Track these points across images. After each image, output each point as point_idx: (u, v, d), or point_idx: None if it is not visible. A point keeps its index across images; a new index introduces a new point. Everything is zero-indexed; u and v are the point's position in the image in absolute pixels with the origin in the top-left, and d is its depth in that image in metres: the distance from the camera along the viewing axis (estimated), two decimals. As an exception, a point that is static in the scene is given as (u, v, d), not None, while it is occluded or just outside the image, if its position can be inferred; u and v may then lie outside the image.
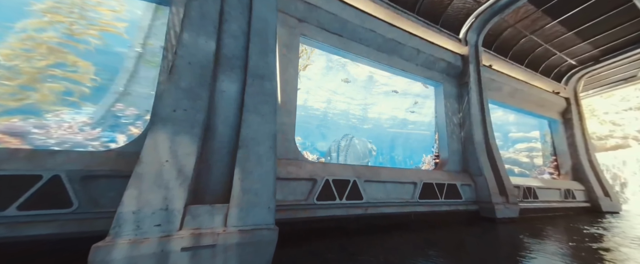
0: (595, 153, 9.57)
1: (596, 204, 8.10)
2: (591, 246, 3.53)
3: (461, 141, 6.27)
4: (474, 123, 6.10)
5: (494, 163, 5.88)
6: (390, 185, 4.66)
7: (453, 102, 6.53)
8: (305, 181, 3.78)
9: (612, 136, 15.03)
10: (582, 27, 6.94)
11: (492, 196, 5.33)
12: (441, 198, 5.12)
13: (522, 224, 5.14)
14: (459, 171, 5.94)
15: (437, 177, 5.28)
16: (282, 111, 4.04)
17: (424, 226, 4.41)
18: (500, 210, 5.28)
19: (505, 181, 5.66)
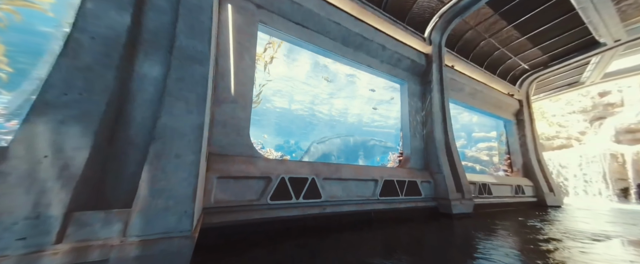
0: (543, 152, 10.53)
1: (542, 199, 8.89)
2: (535, 238, 3.76)
3: (423, 139, 6.41)
4: (435, 121, 6.26)
5: (452, 161, 6.09)
6: (351, 183, 4.56)
7: (417, 101, 6.65)
8: (258, 180, 3.51)
9: (558, 136, 16.76)
10: (533, 33, 7.49)
11: (449, 192, 5.51)
12: (401, 195, 5.16)
13: (476, 219, 5.38)
14: (421, 169, 6.07)
15: (398, 174, 5.32)
16: (235, 104, 3.71)
17: (383, 224, 4.39)
18: (456, 206, 5.47)
19: (461, 179, 5.89)
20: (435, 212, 5.65)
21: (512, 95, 10.02)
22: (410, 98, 6.59)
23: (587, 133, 15.94)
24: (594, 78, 10.51)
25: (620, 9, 6.81)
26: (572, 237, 3.91)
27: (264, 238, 3.18)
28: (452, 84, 7.78)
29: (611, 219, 6.45)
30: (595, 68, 9.79)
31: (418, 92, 6.76)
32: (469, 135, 22.94)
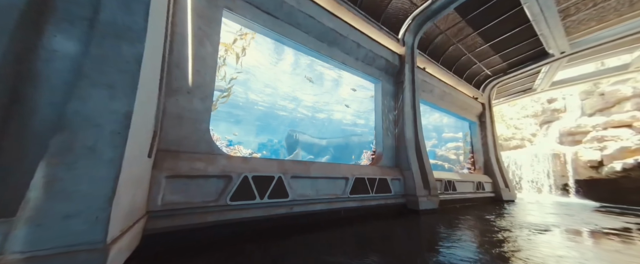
0: (501, 151, 11.48)
1: (499, 194, 9.66)
2: (491, 229, 3.98)
3: (395, 137, 6.54)
4: (406, 120, 6.41)
5: (421, 159, 6.29)
6: (322, 181, 4.44)
7: (390, 100, 6.76)
8: (218, 179, 3.22)
9: (514, 138, 18.48)
10: (495, 41, 8.05)
11: (417, 189, 5.67)
12: (372, 192, 5.18)
13: (441, 214, 5.61)
14: (392, 166, 6.18)
15: (369, 172, 5.33)
16: (193, 95, 3.36)
17: (353, 222, 4.34)
18: (423, 202, 5.65)
19: (429, 176, 6.11)
20: (404, 208, 5.79)
21: (476, 98, 10.73)
22: (384, 98, 6.67)
23: (537, 135, 17.79)
24: (544, 85, 11.68)
25: (565, 24, 7.58)
26: (522, 228, 4.26)
27: (220, 242, 2.91)
28: (423, 86, 8.07)
29: (553, 211, 7.22)
30: (545, 77, 10.87)
31: (391, 92, 6.87)
32: (440, 135, 24.36)
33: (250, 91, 22.02)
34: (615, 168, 11.13)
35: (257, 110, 23.33)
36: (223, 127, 21.23)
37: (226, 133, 18.47)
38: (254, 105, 22.51)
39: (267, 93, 23.00)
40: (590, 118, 14.22)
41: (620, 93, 13.15)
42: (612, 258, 2.88)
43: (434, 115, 24.11)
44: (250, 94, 22.33)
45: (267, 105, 23.48)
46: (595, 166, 12.14)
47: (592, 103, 14.83)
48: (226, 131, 20.94)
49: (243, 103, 21.46)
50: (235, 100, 20.77)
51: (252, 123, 23.91)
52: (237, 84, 20.78)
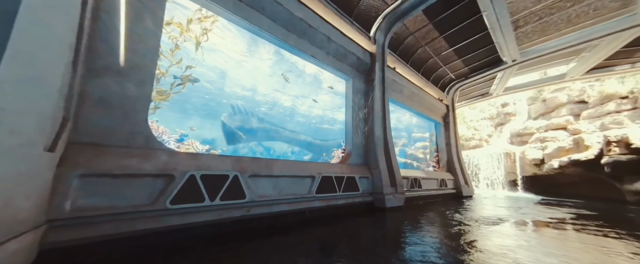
0: (462, 150, 12.32)
1: (459, 190, 10.30)
2: (451, 223, 4.05)
3: (365, 135, 6.49)
4: (375, 119, 6.39)
5: (389, 157, 6.32)
6: (285, 180, 4.13)
7: (360, 98, 6.70)
8: (155, 179, 2.72)
9: (473, 138, 20.14)
10: (458, 46, 8.52)
11: (384, 187, 5.66)
12: (339, 191, 5.02)
13: (406, 211, 5.67)
14: (360, 164, 6.10)
15: (337, 170, 5.16)
16: (125, 78, 2.80)
17: (318, 222, 4.11)
18: (390, 199, 5.66)
19: (396, 174, 6.16)
20: (371, 207, 5.74)
21: (441, 100, 11.33)
22: (354, 95, 6.58)
23: (493, 136, 19.60)
24: (498, 91, 12.81)
25: (517, 35, 8.31)
26: (478, 221, 4.47)
27: (154, 254, 2.44)
28: (393, 85, 8.20)
29: (504, 204, 7.86)
30: (499, 83, 11.91)
31: (362, 90, 6.81)
32: (410, 135, 25.55)
33: (227, 85, 20.73)
34: (553, 165, 12.65)
35: (232, 105, 22.06)
36: (184, 120, 19.33)
37: (184, 127, 16.90)
38: (228, 99, 21.15)
39: (246, 88, 21.89)
40: (534, 121, 16.03)
41: (558, 100, 15.03)
42: (551, 243, 3.30)
43: (405, 116, 25.23)
44: (227, 88, 21.03)
45: (243, 101, 22.34)
46: (538, 163, 13.69)
47: (536, 108, 16.73)
48: (184, 125, 19.23)
49: (213, 96, 19.97)
50: (207, 92, 19.26)
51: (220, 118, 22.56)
52: (213, 76, 19.39)
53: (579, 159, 11.50)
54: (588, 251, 2.88)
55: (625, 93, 11.77)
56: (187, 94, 18.14)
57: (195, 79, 17.43)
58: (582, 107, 13.78)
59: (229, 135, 19.72)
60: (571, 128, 13.49)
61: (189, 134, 7.34)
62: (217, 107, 20.74)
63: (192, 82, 17.48)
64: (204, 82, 18.35)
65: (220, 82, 20.10)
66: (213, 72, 19.12)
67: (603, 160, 10.73)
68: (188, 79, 5.48)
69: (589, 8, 6.79)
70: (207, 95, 19.48)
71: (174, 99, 16.99)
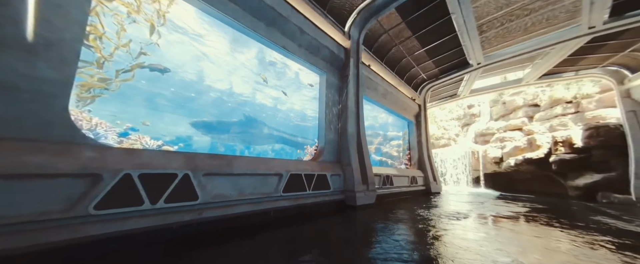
0: (432, 149, 12.88)
1: (429, 187, 10.72)
2: (419, 219, 4.06)
3: (338, 132, 6.35)
4: (349, 115, 6.28)
5: (361, 154, 6.26)
6: (247, 179, 3.79)
7: (334, 93, 6.54)
8: (72, 179, 2.23)
9: (443, 137, 21.30)
10: (430, 47, 8.78)
11: (355, 185, 5.57)
12: (309, 189, 4.80)
13: (377, 208, 5.64)
14: (333, 162, 5.94)
15: (307, 168, 4.93)
16: (35, 56, 2.26)
17: (285, 223, 3.84)
18: (361, 197, 5.59)
19: (368, 171, 6.12)
20: (343, 205, 5.62)
21: (414, 99, 11.68)
22: (328, 90, 6.40)
23: (460, 136, 20.89)
24: (465, 92, 13.59)
25: (482, 39, 8.80)
26: (444, 217, 4.57)
27: (69, 270, 1.99)
28: (368, 83, 8.19)
29: (468, 200, 8.32)
30: (466, 85, 12.61)
31: (336, 85, 6.65)
32: (385, 133, 26.28)
33: (205, 79, 19.34)
34: (510, 163, 13.78)
35: (208, 100, 20.65)
36: (147, 114, 17.50)
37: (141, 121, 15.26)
38: (201, 94, 19.72)
39: (222, 83, 20.64)
40: (495, 122, 17.37)
41: (515, 103, 16.42)
42: (507, 234, 3.63)
43: (382, 115, 25.89)
44: (207, 81, 19.62)
45: (215, 96, 21.05)
46: (497, 162, 14.85)
47: (497, 110, 18.15)
48: (161, 119, 17.51)
49: (181, 89, 18.44)
50: (173, 84, 17.70)
51: (204, 115, 21.08)
52: (179, 67, 17.86)
53: (532, 157, 12.66)
54: (538, 239, 3.31)
55: (570, 98, 13.23)
56: (151, 85, 16.56)
57: (165, 69, 15.87)
58: (535, 110, 15.23)
59: (202, 128, 18.48)
60: (526, 129, 14.84)
61: (144, 130, 6.53)
62: (185, 102, 19.28)
63: (162, 72, 15.90)
64: (172, 74, 16.88)
65: (188, 74, 18.70)
66: (186, 64, 17.69)
67: (551, 159, 11.93)
68: (140, 66, 4.80)
69: (542, 17, 7.36)
70: (172, 87, 17.99)
71: (136, 89, 15.43)
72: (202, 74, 19.68)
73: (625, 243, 3.13)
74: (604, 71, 9.82)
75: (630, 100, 9.21)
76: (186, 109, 19.64)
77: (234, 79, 21.66)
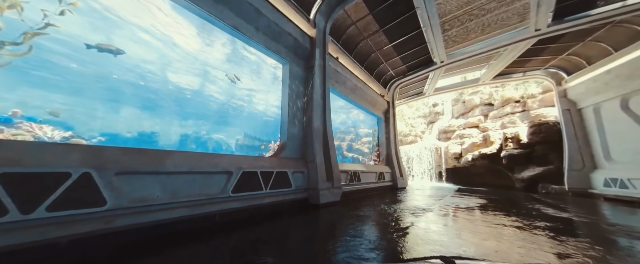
0: (400, 146, 13.23)
1: (395, 183, 10.92)
2: (384, 214, 3.84)
3: (303, 126, 5.93)
4: (315, 109, 5.90)
5: (327, 150, 5.93)
6: (185, 178, 3.17)
7: (298, 85, 6.09)
8: None
9: (410, 134, 22.26)
10: (397, 42, 8.82)
11: (319, 182, 5.21)
12: (266, 188, 4.30)
13: (342, 206, 5.36)
14: (297, 158, 5.51)
15: (265, 164, 4.43)
16: None
17: (234, 227, 3.30)
18: (325, 195, 5.26)
19: (333, 168, 5.81)
20: (306, 203, 5.23)
21: (383, 96, 11.78)
22: (292, 81, 5.93)
23: (425, 133, 22.03)
24: (430, 91, 14.19)
25: (445, 38, 9.12)
26: (407, 211, 4.47)
27: None
28: (336, 76, 7.90)
29: (431, 194, 8.58)
30: (431, 83, 13.16)
31: (300, 76, 6.21)
32: (357, 130, 26.66)
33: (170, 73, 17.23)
34: (468, 158, 14.82)
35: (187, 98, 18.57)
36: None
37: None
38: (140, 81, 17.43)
39: (195, 74, 18.67)
40: (456, 120, 18.59)
41: (473, 101, 17.73)
42: (463, 225, 3.83)
43: (353, 111, 26.18)
44: (170, 75, 17.49)
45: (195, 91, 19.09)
46: (457, 157, 15.88)
47: (458, 108, 19.46)
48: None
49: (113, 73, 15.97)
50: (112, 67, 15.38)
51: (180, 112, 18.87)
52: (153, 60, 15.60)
53: (486, 153, 13.74)
54: (489, 227, 3.61)
55: (518, 98, 14.68)
56: (100, 69, 14.23)
57: (118, 50, 13.54)
58: (490, 109, 16.63)
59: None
60: (482, 126, 16.11)
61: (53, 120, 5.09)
62: (122, 88, 16.77)
63: (114, 54, 13.56)
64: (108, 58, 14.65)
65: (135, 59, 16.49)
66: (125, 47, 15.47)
67: (502, 154, 13.05)
68: (34, 35, 3.71)
69: (497, 18, 7.81)
70: (119, 73, 15.76)
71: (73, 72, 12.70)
72: (160, 62, 17.64)
73: (557, 227, 3.64)
74: (545, 73, 10.92)
75: (566, 99, 10.36)
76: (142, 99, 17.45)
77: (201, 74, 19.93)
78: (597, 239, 3.07)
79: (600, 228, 3.72)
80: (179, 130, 20.45)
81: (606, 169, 8.78)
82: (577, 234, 3.33)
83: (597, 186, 8.86)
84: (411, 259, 1.19)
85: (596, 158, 9.35)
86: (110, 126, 16.09)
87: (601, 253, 2.48)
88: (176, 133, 19.90)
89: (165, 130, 19.27)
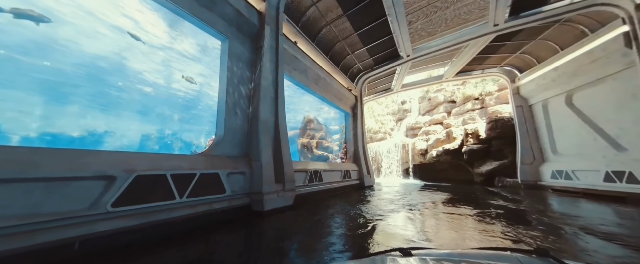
0: (369, 143, 12.86)
1: (362, 181, 10.45)
2: (348, 217, 3.07)
3: (248, 118, 4.92)
4: (263, 97, 4.92)
5: (278, 147, 5.01)
6: (15, 189, 1.98)
7: (243, 68, 5.05)
8: None
9: (380, 131, 22.38)
10: (362, 31, 8.22)
11: (264, 185, 4.27)
12: (182, 197, 3.23)
13: (295, 211, 4.52)
14: (237, 156, 4.49)
15: (181, 165, 3.35)
16: None
17: (114, 255, 2.21)
18: (271, 200, 4.34)
19: (285, 167, 4.92)
20: (248, 211, 4.26)
21: (350, 90, 11.21)
22: (234, 63, 4.87)
23: (394, 129, 22.32)
24: (397, 87, 14.08)
25: (410, 31, 8.80)
26: (373, 214, 3.83)
27: None
28: (294, 62, 6.99)
29: (398, 191, 8.23)
30: (398, 78, 12.99)
31: (246, 58, 5.17)
32: (328, 127, 26.12)
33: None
34: (433, 154, 15.11)
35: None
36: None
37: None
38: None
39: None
40: (423, 117, 19.04)
41: (438, 99, 18.27)
42: (428, 220, 3.95)
43: (324, 108, 25.55)
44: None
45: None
46: (423, 153, 16.17)
47: (424, 105, 19.97)
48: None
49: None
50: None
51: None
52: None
53: (449, 148, 14.09)
54: (451, 221, 3.84)
55: (477, 95, 15.40)
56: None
57: (42, 17, 10.60)
58: (452, 106, 17.28)
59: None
60: (445, 122, 16.62)
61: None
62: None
63: (37, 21, 10.66)
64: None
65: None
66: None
67: (463, 149, 13.46)
68: None
69: (460, 12, 7.64)
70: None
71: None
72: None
73: (509, 217, 4.08)
74: (501, 71, 11.35)
75: (519, 96, 10.85)
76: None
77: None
78: (543, 226, 3.51)
79: (546, 217, 4.21)
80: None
81: (553, 162, 9.31)
82: (526, 222, 3.77)
83: (545, 179, 9.37)
84: (371, 254, 0.75)
85: (545, 152, 9.91)
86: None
87: (545, 235, 2.98)
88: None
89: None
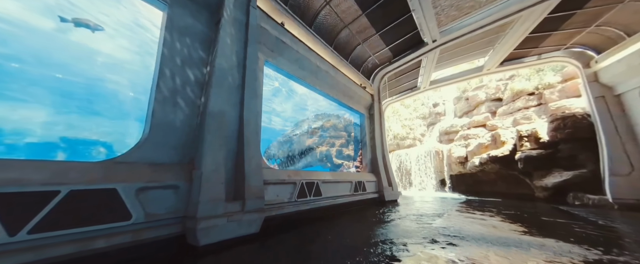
0: (397, 150, 10.84)
1: (382, 194, 8.49)
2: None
3: (198, 112, 3.70)
4: (216, 83, 3.69)
5: (240, 149, 3.67)
6: None
7: (193, 46, 3.91)
8: None
9: (408, 137, 19.78)
10: (370, 10, 6.62)
11: (200, 204, 2.90)
12: (14, 234, 2.02)
13: (257, 244, 3.04)
14: (170, 164, 3.23)
15: (37, 177, 2.16)
16: None
17: None
18: (217, 228, 2.93)
19: (248, 177, 3.52)
20: (182, 243, 2.92)
21: (364, 87, 9.56)
22: (178, 36, 3.75)
23: (425, 135, 19.53)
24: (425, 83, 11.89)
25: (436, 12, 6.98)
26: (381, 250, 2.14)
27: None
28: (280, 49, 5.72)
29: (429, 210, 6.08)
30: (424, 73, 10.88)
31: (199, 34, 4.03)
32: (350, 133, 24.24)
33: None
34: (475, 162, 12.27)
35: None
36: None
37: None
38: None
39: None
40: (459, 120, 16.14)
41: (478, 98, 15.33)
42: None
43: (345, 114, 23.90)
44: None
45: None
46: (462, 161, 13.33)
47: (461, 106, 17.04)
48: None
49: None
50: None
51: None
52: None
53: (497, 155, 11.21)
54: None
55: (532, 90, 12.27)
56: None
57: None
58: (498, 104, 14.20)
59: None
60: (489, 124, 13.63)
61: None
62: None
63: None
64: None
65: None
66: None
67: (516, 156, 10.51)
68: None
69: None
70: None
71: None
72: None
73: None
74: (568, 53, 8.56)
75: (598, 84, 7.94)
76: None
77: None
78: None
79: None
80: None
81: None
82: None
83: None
84: None
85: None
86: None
87: None
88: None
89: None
